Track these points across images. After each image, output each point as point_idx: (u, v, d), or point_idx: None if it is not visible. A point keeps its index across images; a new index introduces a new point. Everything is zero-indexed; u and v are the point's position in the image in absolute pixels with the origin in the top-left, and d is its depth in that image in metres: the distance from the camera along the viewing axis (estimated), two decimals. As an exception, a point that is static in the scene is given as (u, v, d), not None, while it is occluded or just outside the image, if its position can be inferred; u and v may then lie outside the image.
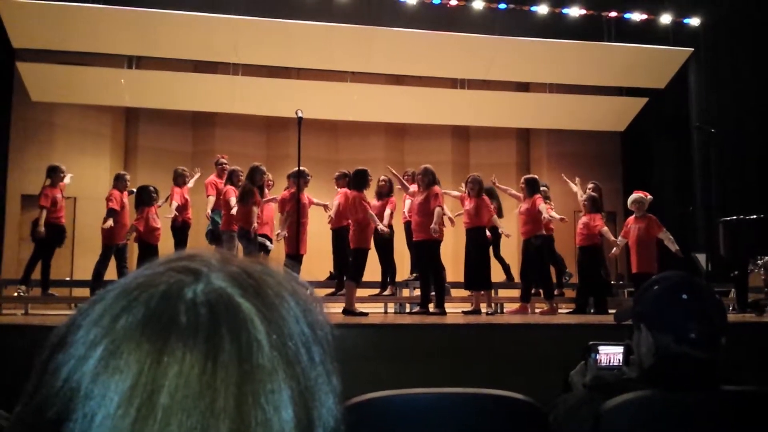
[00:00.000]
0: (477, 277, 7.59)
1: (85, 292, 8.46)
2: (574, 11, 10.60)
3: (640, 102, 11.10)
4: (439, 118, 11.51)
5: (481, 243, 7.69)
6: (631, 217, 8.04)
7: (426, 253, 7.29)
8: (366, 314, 6.86)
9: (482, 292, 7.70)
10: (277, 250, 8.42)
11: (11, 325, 5.86)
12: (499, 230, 8.21)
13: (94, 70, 10.02)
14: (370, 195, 7.93)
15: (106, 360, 0.44)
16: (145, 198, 8.03)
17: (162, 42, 9.63)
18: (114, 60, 10.16)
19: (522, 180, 8.12)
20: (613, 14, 10.75)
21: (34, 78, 9.58)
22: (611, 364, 1.93)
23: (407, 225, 8.26)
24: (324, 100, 10.28)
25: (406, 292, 8.67)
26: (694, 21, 10.87)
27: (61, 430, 0.43)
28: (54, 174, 8.07)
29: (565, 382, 2.05)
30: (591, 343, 1.95)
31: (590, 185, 8.70)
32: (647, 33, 10.73)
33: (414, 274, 8.34)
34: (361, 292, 7.67)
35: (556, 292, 8.29)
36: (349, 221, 7.38)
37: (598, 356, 1.92)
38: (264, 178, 7.80)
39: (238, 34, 9.63)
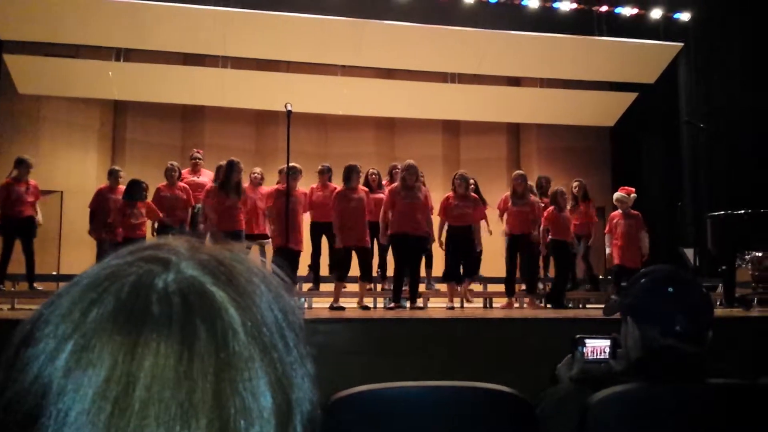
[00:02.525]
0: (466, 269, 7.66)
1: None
2: (565, 5, 10.61)
3: (630, 97, 11.13)
4: (430, 112, 11.51)
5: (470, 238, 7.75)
6: (617, 212, 8.13)
7: (422, 250, 7.34)
8: (343, 308, 6.91)
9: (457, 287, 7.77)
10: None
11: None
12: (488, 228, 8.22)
13: (82, 62, 9.94)
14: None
15: (78, 354, 0.43)
16: (133, 193, 7.95)
17: (151, 34, 9.55)
18: (102, 52, 10.07)
19: (517, 176, 8.16)
20: (604, 8, 10.76)
21: (21, 70, 9.51)
22: (598, 357, 1.93)
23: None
24: (314, 94, 10.24)
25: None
26: (684, 16, 10.92)
27: (34, 427, 0.42)
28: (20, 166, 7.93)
29: (552, 375, 2.05)
30: (578, 336, 1.94)
31: (575, 183, 8.76)
32: (637, 27, 10.75)
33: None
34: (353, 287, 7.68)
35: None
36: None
37: (585, 349, 1.92)
38: (240, 174, 7.60)
39: (227, 27, 9.56)
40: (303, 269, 8.33)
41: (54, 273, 9.44)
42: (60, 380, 0.42)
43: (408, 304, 7.22)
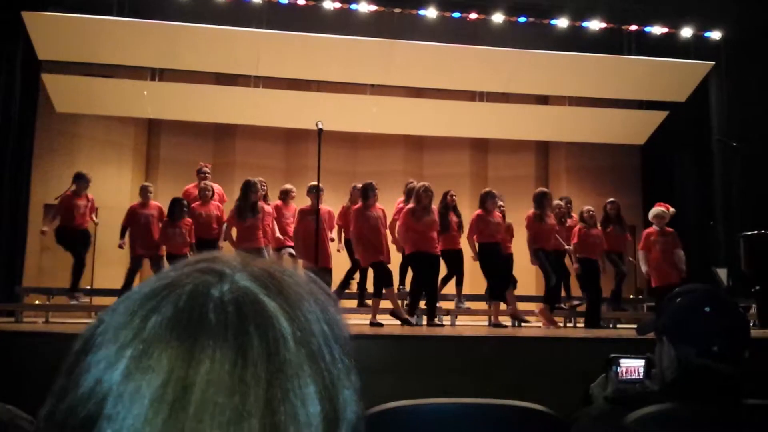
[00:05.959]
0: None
1: (105, 300, 8.54)
2: (594, 24, 10.57)
3: (661, 115, 11.02)
4: (458, 130, 11.51)
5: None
6: (652, 229, 8.01)
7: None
8: (381, 325, 6.95)
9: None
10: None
11: (33, 333, 5.93)
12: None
13: (118, 81, 10.15)
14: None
15: (137, 359, 0.44)
16: (174, 211, 8.07)
17: (184, 54, 9.73)
18: (137, 72, 10.27)
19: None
20: (634, 27, 10.70)
21: (59, 89, 9.72)
22: (632, 377, 1.93)
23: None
24: (343, 113, 10.33)
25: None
26: (715, 35, 10.80)
27: (93, 430, 0.43)
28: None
29: (585, 395, 2.04)
30: (612, 356, 1.94)
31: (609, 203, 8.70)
32: (668, 46, 10.67)
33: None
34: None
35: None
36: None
37: (619, 369, 1.92)
38: (257, 195, 7.80)
39: (259, 47, 9.71)
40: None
41: (88, 287, 9.60)
42: (119, 385, 0.44)
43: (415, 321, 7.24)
